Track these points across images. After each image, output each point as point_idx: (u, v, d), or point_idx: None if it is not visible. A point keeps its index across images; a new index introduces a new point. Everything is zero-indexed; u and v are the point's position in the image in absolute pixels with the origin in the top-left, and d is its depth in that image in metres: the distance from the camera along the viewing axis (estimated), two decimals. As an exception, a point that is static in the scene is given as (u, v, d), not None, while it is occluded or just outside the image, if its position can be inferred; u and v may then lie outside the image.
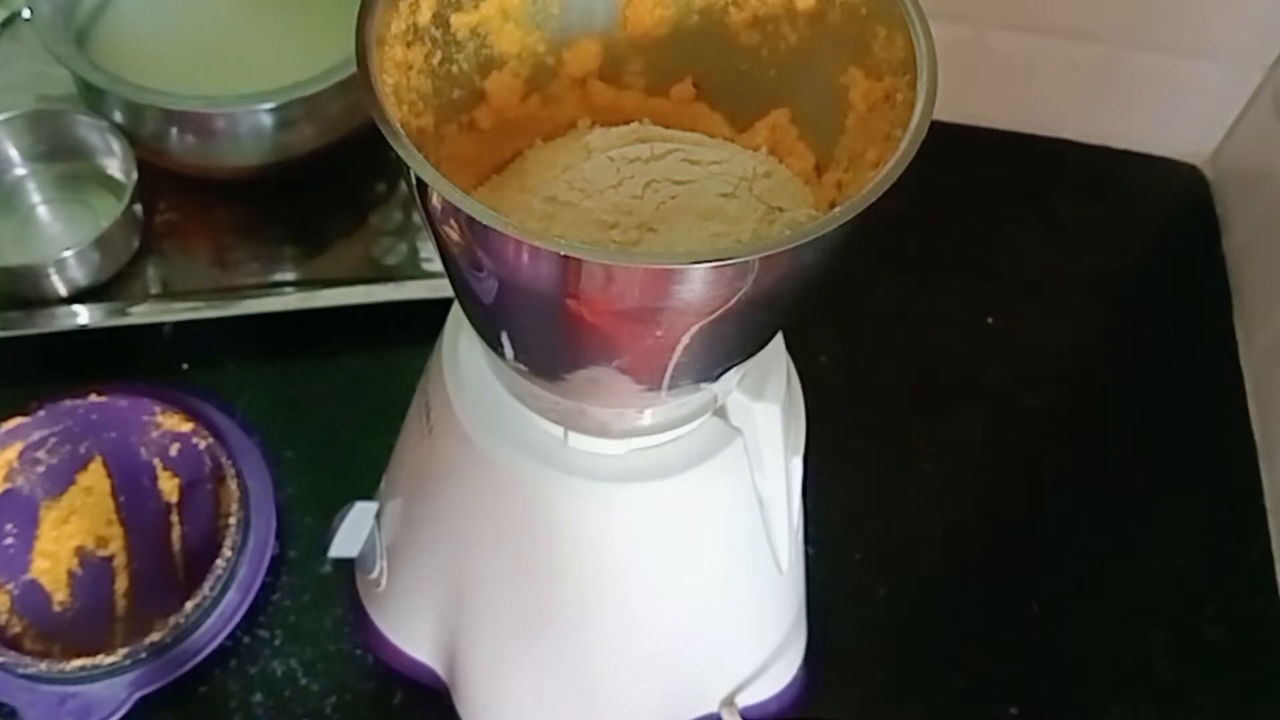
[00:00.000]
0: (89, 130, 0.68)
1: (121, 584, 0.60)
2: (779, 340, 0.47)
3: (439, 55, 0.40)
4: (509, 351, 0.40)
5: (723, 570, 0.50)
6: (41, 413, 0.60)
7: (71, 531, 0.61)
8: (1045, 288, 0.77)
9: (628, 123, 0.42)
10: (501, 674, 0.52)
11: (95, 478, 0.61)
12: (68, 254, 0.63)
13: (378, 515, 0.54)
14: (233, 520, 0.58)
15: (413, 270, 0.69)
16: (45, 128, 0.68)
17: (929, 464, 0.68)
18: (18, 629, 0.57)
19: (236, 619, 0.58)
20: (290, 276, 0.69)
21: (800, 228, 0.32)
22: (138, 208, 0.67)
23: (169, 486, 0.61)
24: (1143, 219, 0.82)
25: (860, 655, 0.61)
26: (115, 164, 0.68)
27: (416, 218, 0.71)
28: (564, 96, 0.43)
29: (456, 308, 0.47)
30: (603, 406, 0.42)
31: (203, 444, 0.60)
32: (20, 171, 0.69)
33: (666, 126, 0.42)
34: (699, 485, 0.45)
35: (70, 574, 0.60)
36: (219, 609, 0.57)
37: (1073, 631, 0.62)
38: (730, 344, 0.38)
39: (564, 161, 0.40)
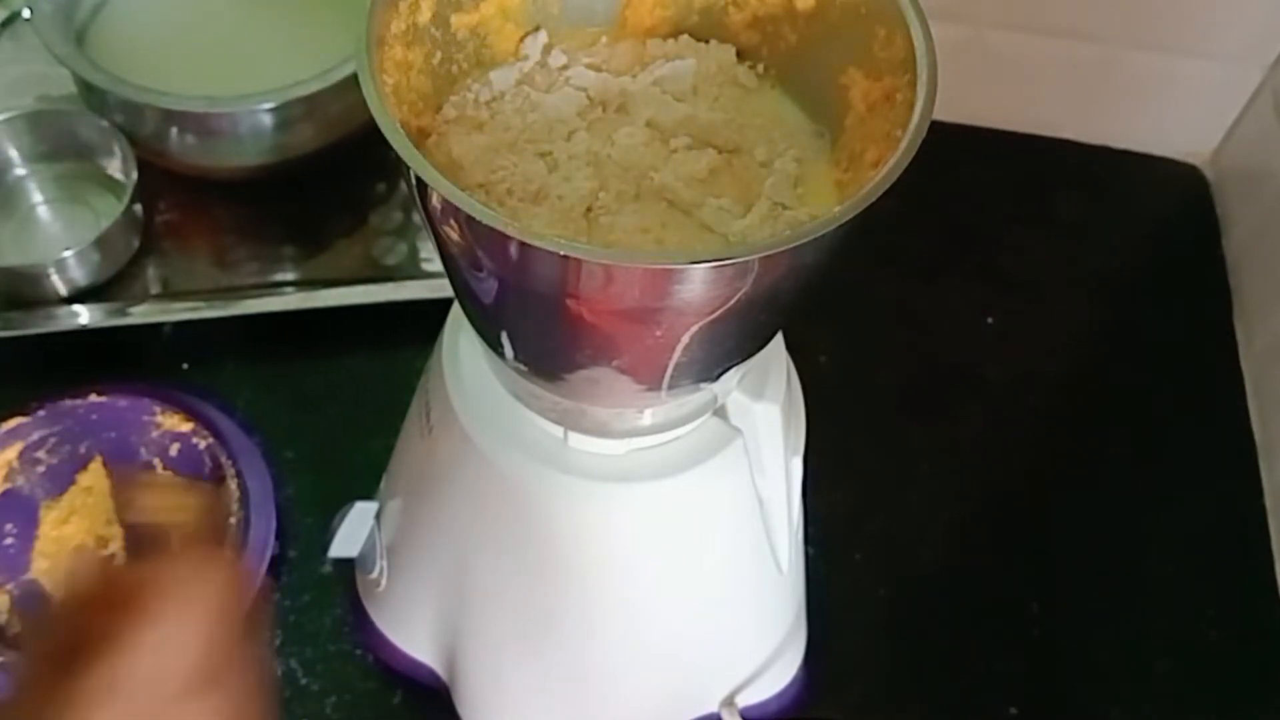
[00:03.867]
0: (89, 130, 0.68)
1: (122, 584, 0.60)
2: (779, 340, 0.47)
3: (439, 55, 0.40)
4: (509, 351, 0.40)
5: (723, 570, 0.50)
6: (41, 413, 0.60)
7: (72, 531, 0.60)
8: (1045, 288, 0.77)
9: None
10: (501, 674, 0.52)
11: (95, 478, 0.61)
12: (68, 254, 0.63)
13: (378, 515, 0.54)
14: (233, 520, 0.58)
15: (413, 270, 0.69)
16: (45, 128, 0.68)
17: (929, 464, 0.68)
18: (18, 629, 0.57)
19: (236, 619, 0.58)
20: (290, 276, 0.69)
21: (800, 227, 0.32)
22: (138, 208, 0.67)
23: (169, 487, 0.62)
24: (1143, 219, 0.82)
25: (860, 655, 0.61)
26: (115, 164, 0.68)
27: (416, 218, 0.71)
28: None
29: (456, 308, 0.47)
30: (603, 406, 0.42)
31: (203, 444, 0.60)
32: (20, 172, 0.69)
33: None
34: (699, 485, 0.45)
35: (71, 574, 0.60)
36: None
37: (1073, 631, 0.62)
38: (730, 344, 0.38)
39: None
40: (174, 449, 0.61)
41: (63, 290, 0.65)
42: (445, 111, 0.40)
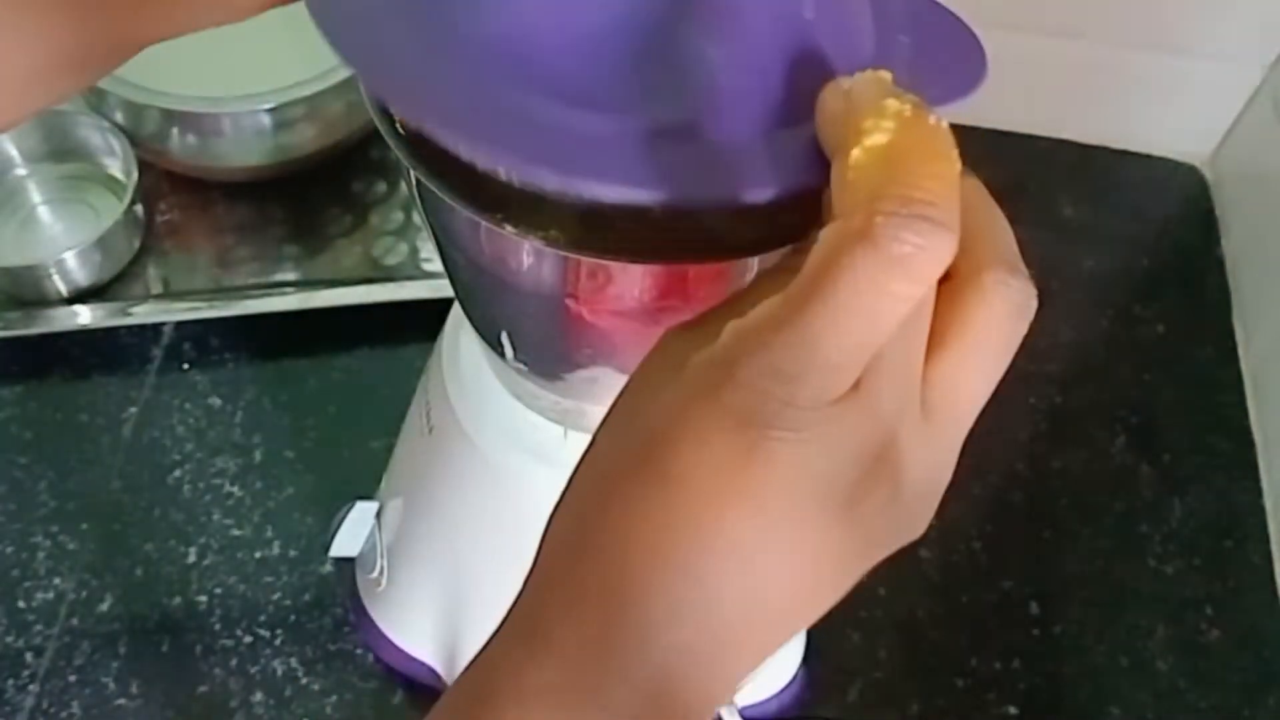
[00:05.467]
0: (90, 130, 0.68)
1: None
2: (779, 340, 0.47)
3: (439, 55, 0.40)
4: (509, 351, 0.40)
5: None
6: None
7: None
8: (1045, 288, 0.76)
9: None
10: (501, 674, 0.52)
11: None
12: (69, 254, 0.64)
13: (378, 515, 0.54)
14: None
15: (413, 270, 0.69)
16: (46, 128, 0.68)
17: (929, 464, 0.68)
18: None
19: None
20: (290, 276, 0.69)
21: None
22: (138, 208, 0.67)
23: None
24: (1143, 219, 0.82)
25: (860, 655, 0.61)
26: (116, 164, 0.68)
27: (416, 218, 0.71)
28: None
29: (456, 308, 0.47)
30: (602, 406, 0.42)
31: None
32: (21, 172, 0.69)
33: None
34: (699, 485, 0.45)
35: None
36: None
37: (1073, 631, 0.62)
38: (730, 344, 0.38)
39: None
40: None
41: (63, 290, 0.65)
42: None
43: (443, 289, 0.57)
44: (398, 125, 0.31)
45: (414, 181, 0.32)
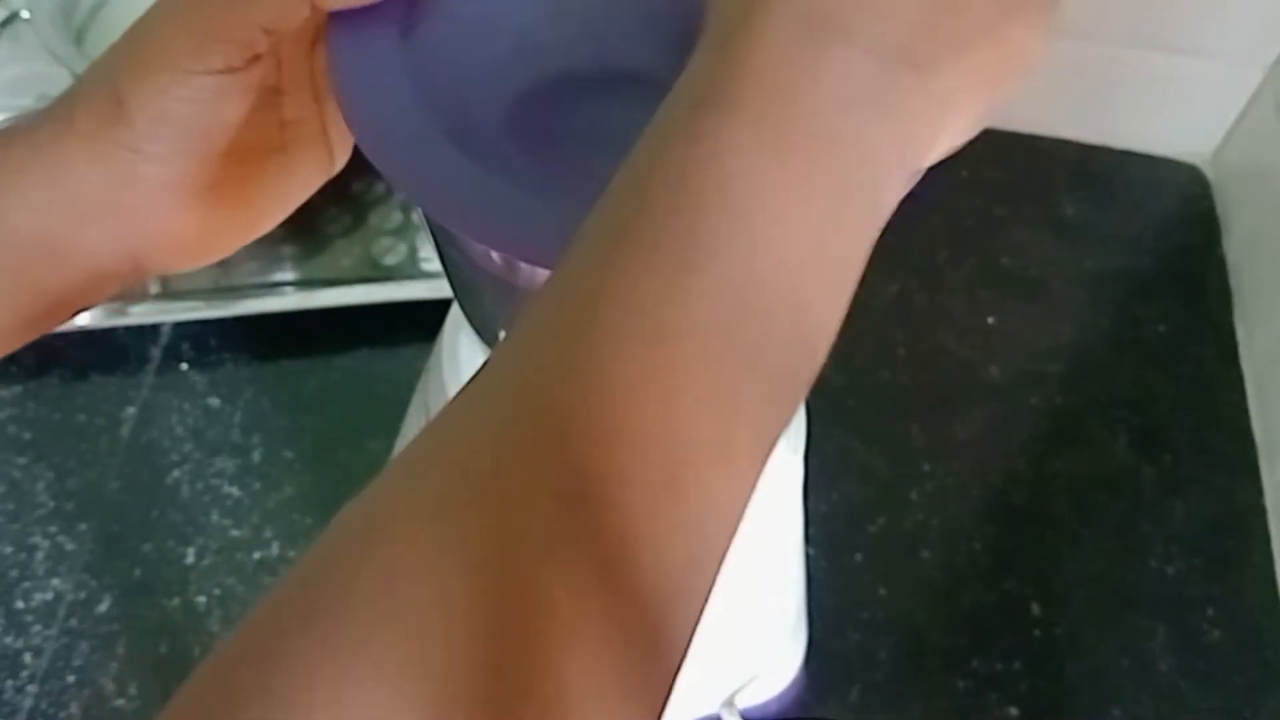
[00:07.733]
0: (88, 130, 0.67)
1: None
2: (779, 340, 0.47)
3: (438, 54, 0.40)
4: (509, 351, 0.40)
5: (722, 570, 0.49)
6: None
7: None
8: (1045, 288, 0.77)
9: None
10: (501, 674, 0.52)
11: None
12: (67, 254, 0.63)
13: (377, 515, 0.54)
14: None
15: (412, 270, 0.69)
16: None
17: (929, 464, 0.68)
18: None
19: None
20: (289, 276, 0.69)
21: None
22: (137, 208, 0.67)
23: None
24: (1143, 219, 0.82)
25: (860, 655, 0.61)
26: (114, 164, 0.68)
27: (415, 217, 0.71)
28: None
29: (456, 307, 0.47)
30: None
31: None
32: (19, 171, 0.69)
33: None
34: (699, 485, 0.45)
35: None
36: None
37: (1073, 631, 0.62)
38: (730, 344, 0.38)
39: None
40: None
41: (62, 290, 0.65)
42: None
43: (442, 289, 0.57)
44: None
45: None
